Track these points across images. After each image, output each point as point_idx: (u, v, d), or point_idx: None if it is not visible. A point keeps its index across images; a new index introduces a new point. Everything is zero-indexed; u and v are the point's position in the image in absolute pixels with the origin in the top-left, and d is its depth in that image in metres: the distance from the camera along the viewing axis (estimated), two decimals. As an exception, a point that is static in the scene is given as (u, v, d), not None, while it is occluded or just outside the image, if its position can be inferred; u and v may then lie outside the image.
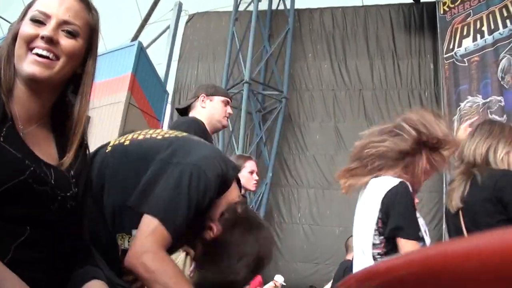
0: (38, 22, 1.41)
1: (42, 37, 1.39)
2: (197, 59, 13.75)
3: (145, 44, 11.22)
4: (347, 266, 4.95)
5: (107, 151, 2.01)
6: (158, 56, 11.99)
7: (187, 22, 14.12)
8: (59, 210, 1.34)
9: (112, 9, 11.96)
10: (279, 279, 9.18)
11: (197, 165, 1.79)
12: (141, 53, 9.78)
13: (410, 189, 2.66)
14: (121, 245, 1.85)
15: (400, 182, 2.65)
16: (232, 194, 1.92)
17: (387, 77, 12.31)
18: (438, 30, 11.04)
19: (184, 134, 2.06)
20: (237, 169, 2.05)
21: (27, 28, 1.40)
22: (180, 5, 13.00)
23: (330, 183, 12.03)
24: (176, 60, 13.63)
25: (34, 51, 1.38)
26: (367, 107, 12.30)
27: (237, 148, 11.69)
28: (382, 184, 2.70)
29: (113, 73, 9.26)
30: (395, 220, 2.57)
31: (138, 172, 1.85)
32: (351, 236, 6.12)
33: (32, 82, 1.39)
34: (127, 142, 1.99)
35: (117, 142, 2.04)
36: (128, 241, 1.84)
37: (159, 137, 1.99)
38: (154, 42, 13.72)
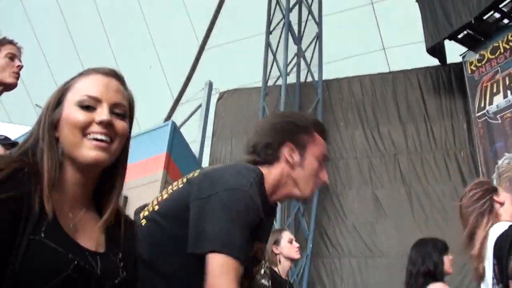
0: (87, 108, 1.42)
1: (100, 122, 1.41)
2: (230, 135, 13.89)
3: (178, 123, 11.37)
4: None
5: (143, 224, 2.02)
6: (191, 134, 12.14)
7: (218, 100, 14.35)
8: None
9: (144, 90, 12.27)
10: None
11: (231, 187, 1.82)
12: (175, 132, 9.91)
13: None
14: None
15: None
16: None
17: (421, 141, 12.24)
18: (468, 90, 11.02)
19: (204, 168, 2.08)
20: (259, 170, 2.03)
21: (79, 115, 1.40)
22: (210, 84, 13.24)
23: (372, 251, 11.82)
24: (209, 137, 13.78)
25: (91, 136, 1.39)
26: (403, 171, 12.18)
27: (275, 221, 11.61)
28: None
29: (148, 153, 9.38)
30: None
31: (182, 221, 1.85)
32: (398, 305, 5.95)
33: (91, 167, 1.40)
34: (156, 207, 2.00)
35: (147, 212, 2.04)
36: None
37: (180, 184, 2.01)
38: (187, 121, 13.91)
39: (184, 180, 2.01)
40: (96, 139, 1.39)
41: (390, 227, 11.82)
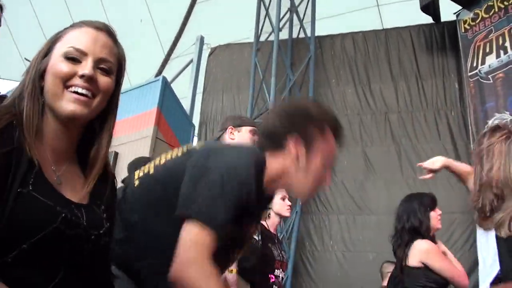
0: (73, 59, 1.40)
1: (82, 76, 1.39)
2: (221, 91, 13.82)
3: (169, 79, 11.32)
4: (384, 293, 4.87)
5: (136, 185, 2.01)
6: (182, 90, 12.09)
7: (209, 55, 14.23)
8: (93, 249, 1.34)
9: (135, 45, 12.13)
10: None
11: (228, 165, 1.81)
12: (166, 87, 9.88)
13: None
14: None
15: None
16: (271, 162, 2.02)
17: (412, 99, 12.23)
18: (461, 49, 10.98)
19: (202, 143, 2.07)
20: (261, 155, 2.01)
21: (63, 66, 1.38)
22: (202, 39, 13.12)
23: (361, 208, 11.92)
24: (200, 93, 13.72)
25: (72, 89, 1.37)
26: (393, 130, 12.21)
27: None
28: None
29: (139, 109, 9.37)
30: None
31: (175, 190, 1.85)
32: (386, 262, 6.04)
33: (69, 120, 1.38)
34: (151, 171, 1.99)
35: (142, 173, 2.04)
36: None
37: (180, 153, 2.00)
38: (178, 76, 13.82)
39: (185, 150, 2.01)
40: (77, 92, 1.37)
41: (379, 185, 11.91)
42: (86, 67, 1.40)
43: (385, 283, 5.53)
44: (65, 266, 1.25)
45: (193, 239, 1.66)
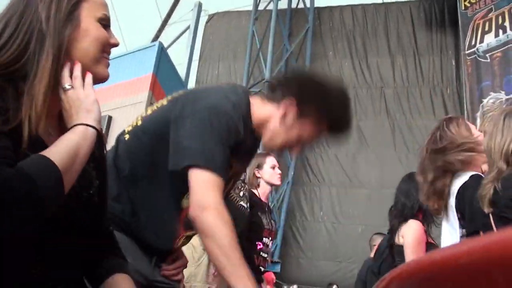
0: (105, 27, 1.40)
1: (113, 45, 1.41)
2: (217, 58, 13.77)
3: (165, 45, 11.24)
4: (371, 264, 4.91)
5: (126, 139, 2.02)
6: (178, 57, 12.01)
7: (207, 22, 14.14)
8: (84, 209, 1.33)
9: (132, 10, 12.03)
10: None
11: (210, 106, 1.82)
12: (162, 53, 9.82)
13: None
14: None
15: None
16: (257, 102, 2.04)
17: (409, 75, 12.22)
18: (460, 26, 10.92)
19: (192, 88, 2.08)
20: (248, 92, 2.07)
21: (104, 32, 1.38)
22: (200, 5, 13.00)
23: (352, 181, 11.98)
24: (196, 60, 13.66)
25: (106, 55, 1.38)
26: (388, 104, 12.22)
27: (259, 148, 11.67)
28: None
29: (134, 74, 9.32)
30: None
31: (162, 139, 1.86)
32: (375, 234, 6.09)
33: (101, 83, 1.40)
34: (139, 122, 2.01)
35: (130, 127, 2.05)
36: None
37: (165, 102, 2.01)
38: (175, 42, 13.73)
39: (169, 98, 2.01)
40: (108, 59, 1.40)
41: (372, 159, 11.96)
42: (115, 37, 1.43)
43: (373, 254, 5.59)
44: (56, 229, 1.25)
45: (207, 184, 1.71)
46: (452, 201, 2.80)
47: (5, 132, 1.12)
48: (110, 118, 8.90)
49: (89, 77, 1.35)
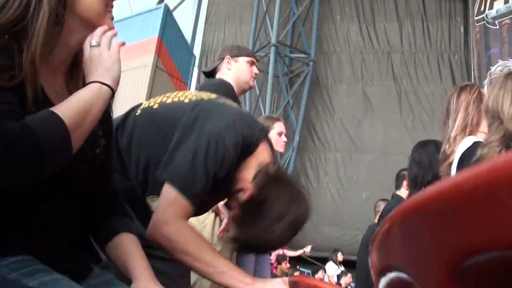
0: None
1: None
2: (223, 22, 13.67)
3: (171, 7, 11.15)
4: (375, 229, 4.93)
5: (137, 114, 2.02)
6: (184, 20, 11.92)
7: (213, -15, 14.02)
8: (89, 169, 1.33)
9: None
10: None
11: (216, 134, 1.79)
12: (168, 16, 9.73)
13: None
14: (152, 207, 1.86)
15: None
16: (263, 155, 1.90)
17: (416, 40, 12.13)
18: (469, -8, 10.80)
19: (212, 96, 2.05)
20: (265, 130, 2.03)
21: None
22: (206, -33, 12.88)
23: (357, 147, 11.98)
24: (202, 23, 13.56)
25: (108, 9, 1.37)
26: (395, 70, 12.15)
27: (264, 111, 11.67)
28: None
29: (139, 36, 9.25)
30: None
31: (165, 135, 1.87)
32: (380, 200, 6.10)
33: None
34: (156, 106, 2.00)
35: (146, 105, 2.04)
36: None
37: (187, 100, 1.99)
38: (180, 5, 13.62)
39: (193, 98, 2.00)
40: (111, 12, 1.39)
41: (377, 125, 11.94)
42: None
43: (377, 220, 5.60)
44: (61, 188, 1.25)
45: (170, 202, 1.71)
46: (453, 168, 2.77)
47: (11, 88, 1.11)
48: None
49: (119, 40, 1.35)
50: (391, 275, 0.60)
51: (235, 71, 3.48)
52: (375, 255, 0.66)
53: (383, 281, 0.63)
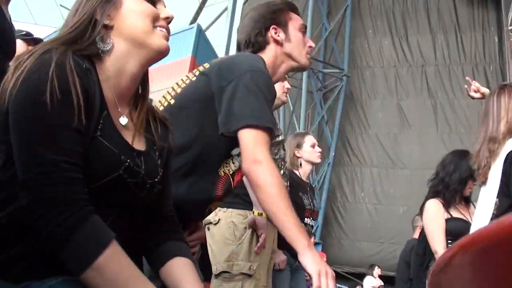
0: (151, 1, 1.43)
1: (167, 18, 1.45)
2: (256, 40, 13.74)
3: (204, 27, 11.26)
4: (414, 244, 4.86)
5: None
6: (217, 39, 12.03)
7: (244, 3, 14.08)
8: (147, 196, 1.36)
9: (170, -7, 12.02)
10: None
11: (249, 68, 1.94)
12: (200, 35, 9.83)
13: None
14: (229, 171, 2.02)
15: None
16: None
17: (450, 52, 12.02)
18: (502, 1, 10.67)
19: (214, 61, 2.17)
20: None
21: (148, 6, 1.42)
22: (237, -14, 12.99)
23: (393, 162, 11.89)
24: (235, 42, 13.66)
25: (159, 29, 1.41)
26: (430, 83, 12.05)
27: (299, 127, 11.67)
28: None
29: (173, 56, 9.35)
30: None
31: (205, 110, 1.97)
32: (417, 215, 6.03)
33: (160, 56, 1.42)
34: (172, 101, 2.05)
35: (162, 107, 2.08)
36: (233, 162, 2.03)
37: (193, 77, 2.08)
38: (213, 24, 13.75)
39: (196, 72, 2.08)
40: (163, 32, 1.43)
41: (413, 139, 11.83)
42: (167, 10, 1.46)
43: (415, 235, 5.54)
44: (118, 210, 1.30)
45: (256, 140, 1.84)
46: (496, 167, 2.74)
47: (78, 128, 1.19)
48: (150, 100, 8.98)
49: None
50: None
51: None
52: (436, 281, 0.65)
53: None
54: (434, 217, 3.72)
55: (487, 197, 2.75)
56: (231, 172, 2.02)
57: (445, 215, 3.73)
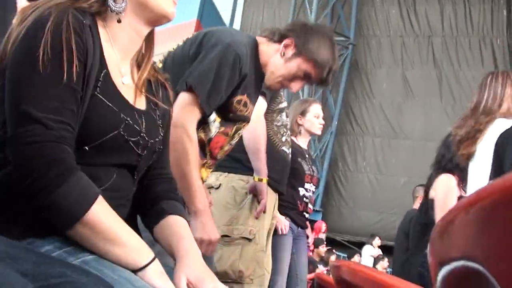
0: None
1: None
2: (262, 4, 13.63)
3: (210, -10, 11.17)
4: (413, 215, 4.87)
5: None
6: (223, 2, 11.93)
7: (251, -31, 13.99)
8: (147, 155, 1.36)
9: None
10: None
11: (224, 43, 2.00)
12: (206, -2, 9.78)
13: None
14: (205, 136, 2.09)
15: None
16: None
17: (458, 24, 11.91)
18: (514, -27, 10.55)
19: (205, 29, 2.22)
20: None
21: None
22: (245, -50, 12.85)
23: (396, 132, 11.88)
24: (241, 6, 13.55)
25: None
26: (436, 54, 11.97)
27: (302, 95, 11.64)
28: None
29: (178, 19, 9.28)
30: None
31: (179, 75, 2.01)
32: (418, 185, 6.03)
33: (164, 21, 1.41)
34: (160, 65, 2.14)
35: (161, 65, 2.16)
36: (209, 128, 2.10)
37: (181, 43, 2.17)
38: (219, -12, 13.61)
39: (186, 39, 2.16)
40: None
41: (417, 110, 11.80)
42: None
43: (415, 206, 5.54)
44: (119, 171, 1.31)
45: (183, 103, 1.93)
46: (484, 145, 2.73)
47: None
48: (153, 63, 8.97)
49: None
50: (456, 264, 0.59)
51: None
52: (438, 244, 0.64)
53: (444, 270, 0.62)
54: (448, 193, 3.69)
55: (478, 177, 2.74)
56: (208, 138, 2.07)
57: (458, 193, 3.72)
